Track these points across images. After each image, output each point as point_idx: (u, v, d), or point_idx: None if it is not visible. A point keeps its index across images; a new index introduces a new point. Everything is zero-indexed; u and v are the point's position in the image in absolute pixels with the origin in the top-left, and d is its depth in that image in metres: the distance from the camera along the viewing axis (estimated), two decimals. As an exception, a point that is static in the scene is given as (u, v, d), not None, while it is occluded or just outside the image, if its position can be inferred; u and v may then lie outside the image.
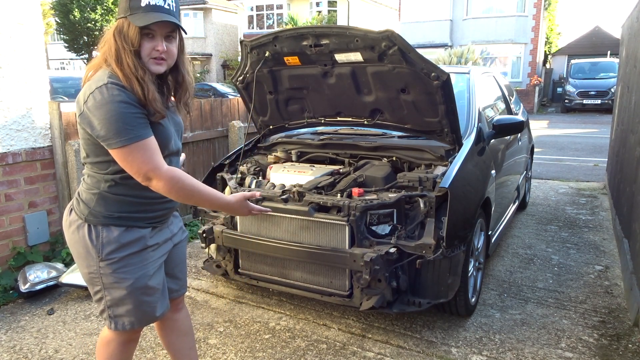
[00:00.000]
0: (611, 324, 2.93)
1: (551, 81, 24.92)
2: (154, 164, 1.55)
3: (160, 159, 1.57)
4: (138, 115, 1.54)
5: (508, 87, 4.99)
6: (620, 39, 6.48)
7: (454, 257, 2.62)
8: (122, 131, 1.50)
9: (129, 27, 1.56)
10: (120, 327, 1.75)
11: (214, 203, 1.71)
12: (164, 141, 1.66)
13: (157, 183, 1.56)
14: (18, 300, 3.30)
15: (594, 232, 4.63)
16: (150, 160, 1.54)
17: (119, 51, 1.57)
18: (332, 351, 2.66)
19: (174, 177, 1.57)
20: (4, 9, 3.24)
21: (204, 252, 3.90)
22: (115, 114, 1.50)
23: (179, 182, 1.58)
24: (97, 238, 1.66)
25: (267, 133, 3.68)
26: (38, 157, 3.53)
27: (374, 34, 2.64)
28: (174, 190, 1.58)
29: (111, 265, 1.66)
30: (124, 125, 1.50)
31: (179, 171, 1.60)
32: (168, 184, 1.56)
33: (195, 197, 1.64)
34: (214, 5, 28.47)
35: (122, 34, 1.57)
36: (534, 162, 6.58)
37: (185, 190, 1.60)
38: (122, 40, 1.57)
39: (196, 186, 1.63)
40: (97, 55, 1.65)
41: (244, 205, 1.77)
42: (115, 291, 1.69)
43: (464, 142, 3.03)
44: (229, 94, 18.65)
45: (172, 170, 1.58)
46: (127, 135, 1.51)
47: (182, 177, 1.59)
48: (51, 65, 31.09)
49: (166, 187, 1.57)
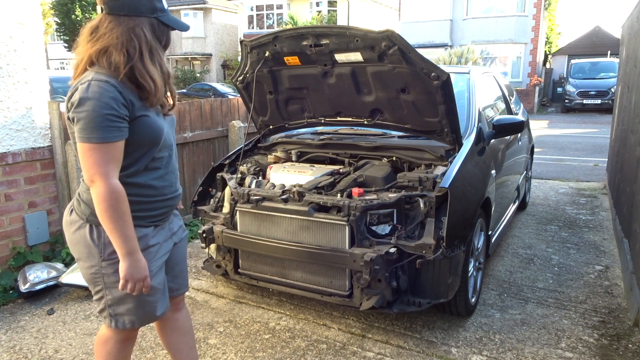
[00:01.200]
0: (611, 324, 2.93)
1: (551, 81, 24.92)
2: (104, 170, 1.53)
3: (113, 169, 1.55)
4: (115, 118, 1.53)
5: (508, 87, 4.99)
6: (620, 39, 6.48)
7: (454, 257, 2.62)
8: (91, 128, 1.51)
9: (161, 27, 1.66)
10: (120, 325, 1.75)
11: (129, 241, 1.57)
12: (156, 133, 1.67)
13: (97, 189, 1.53)
14: (18, 300, 3.30)
15: (594, 232, 4.63)
16: (103, 164, 1.53)
17: (154, 49, 1.63)
18: (332, 351, 2.66)
19: (115, 192, 1.53)
20: (4, 9, 3.24)
21: (204, 252, 3.89)
22: (92, 111, 1.50)
23: (117, 200, 1.53)
24: (98, 238, 1.66)
25: (267, 133, 3.68)
26: (38, 157, 3.53)
27: (374, 34, 2.64)
28: (107, 204, 1.53)
29: (113, 265, 1.66)
30: (97, 124, 1.51)
31: (123, 193, 1.56)
32: (106, 195, 1.52)
33: (120, 222, 1.55)
34: (214, 5, 28.47)
35: (155, 32, 1.64)
36: (534, 162, 6.58)
37: (117, 210, 1.54)
38: (155, 39, 1.64)
39: (127, 214, 1.56)
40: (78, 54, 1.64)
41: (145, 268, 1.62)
42: (116, 290, 1.69)
43: (464, 142, 3.03)
44: (229, 94, 18.65)
45: (118, 185, 1.55)
46: (94, 134, 1.51)
47: (122, 197, 1.55)
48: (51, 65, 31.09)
49: (102, 197, 1.52)
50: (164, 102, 1.73)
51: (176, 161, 1.86)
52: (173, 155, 1.82)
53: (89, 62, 1.60)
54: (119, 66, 1.57)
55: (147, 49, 1.61)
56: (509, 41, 20.96)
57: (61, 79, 9.20)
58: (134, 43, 1.58)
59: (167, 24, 1.68)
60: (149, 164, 1.69)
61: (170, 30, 1.72)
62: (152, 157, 1.69)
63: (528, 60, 21.26)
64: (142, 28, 1.60)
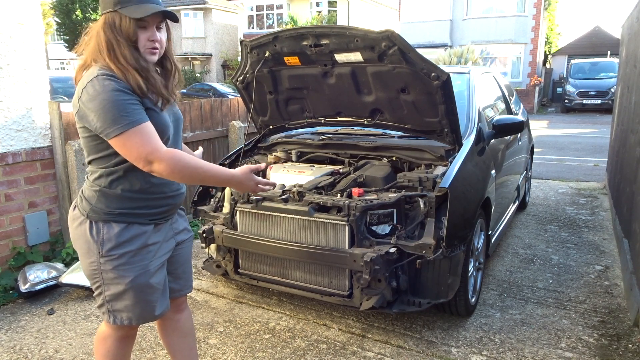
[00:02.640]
0: (611, 324, 2.93)
1: (551, 81, 24.92)
2: (153, 146, 1.54)
3: (158, 141, 1.56)
4: (132, 101, 1.55)
5: (508, 87, 4.99)
6: (620, 39, 6.48)
7: (454, 257, 2.62)
8: (117, 119, 1.51)
9: (122, 20, 1.58)
10: (118, 321, 1.76)
11: (219, 178, 1.68)
12: (161, 128, 1.66)
13: (158, 166, 1.54)
14: (18, 300, 3.30)
15: (594, 232, 4.63)
16: (148, 142, 1.53)
17: (111, 45, 1.58)
18: (332, 351, 2.66)
19: (174, 157, 1.55)
20: (4, 9, 3.24)
21: (204, 252, 3.89)
22: (108, 103, 1.51)
23: (180, 162, 1.56)
24: (97, 234, 1.67)
25: (267, 133, 3.68)
26: (38, 157, 3.53)
27: (374, 34, 2.64)
28: (177, 170, 1.55)
29: (111, 262, 1.67)
30: (118, 113, 1.51)
31: (178, 151, 1.59)
32: (170, 165, 1.54)
33: (200, 174, 1.61)
34: (214, 5, 28.47)
35: (114, 27, 1.58)
36: (534, 162, 6.58)
37: (188, 168, 1.58)
38: (115, 34, 1.58)
39: (198, 164, 1.61)
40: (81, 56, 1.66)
41: (250, 178, 1.72)
42: (114, 287, 1.70)
43: (464, 142, 3.03)
44: (229, 94, 18.66)
45: (171, 151, 1.57)
46: (123, 122, 1.51)
47: (182, 157, 1.57)
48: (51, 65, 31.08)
49: (168, 169, 1.54)
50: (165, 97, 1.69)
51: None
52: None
53: (90, 60, 1.62)
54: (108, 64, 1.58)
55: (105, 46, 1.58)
56: (508, 41, 20.96)
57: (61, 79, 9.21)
58: (99, 41, 1.59)
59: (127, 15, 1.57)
60: None
61: (136, 23, 1.58)
62: None
63: (528, 60, 21.26)
64: (108, 24, 1.59)
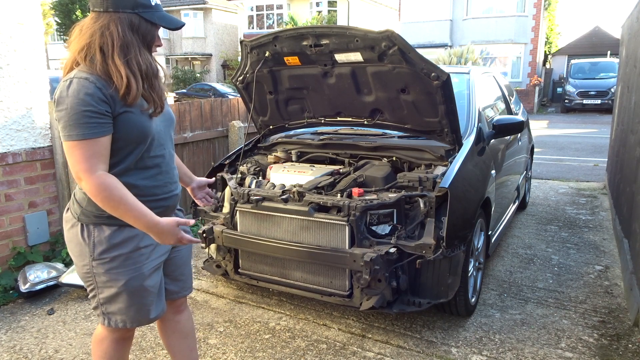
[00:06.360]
0: (611, 324, 2.93)
1: (551, 81, 24.92)
2: (88, 166, 1.52)
3: (97, 163, 1.54)
4: (94, 113, 1.52)
5: (508, 87, 4.99)
6: (620, 39, 6.48)
7: (454, 257, 2.62)
8: (70, 126, 1.51)
9: (143, 24, 1.61)
10: (113, 324, 1.75)
11: (139, 221, 1.57)
12: (141, 130, 1.63)
13: (85, 185, 1.54)
14: (18, 300, 3.30)
15: (594, 232, 4.63)
16: (85, 160, 1.52)
17: (128, 46, 1.57)
18: (332, 351, 2.66)
19: (103, 184, 1.53)
20: (4, 9, 3.24)
21: (204, 252, 3.90)
22: (70, 109, 1.51)
23: (106, 190, 1.53)
24: (89, 237, 1.65)
25: (267, 133, 3.68)
26: (38, 157, 3.53)
27: (374, 34, 2.64)
28: (100, 197, 1.53)
29: (103, 265, 1.65)
30: (76, 121, 1.51)
31: (112, 180, 1.55)
32: (94, 190, 1.53)
33: (121, 210, 1.55)
34: (214, 5, 28.48)
35: (134, 29, 1.59)
36: (534, 162, 6.58)
37: (112, 200, 1.54)
38: (135, 36, 1.59)
39: (124, 198, 1.55)
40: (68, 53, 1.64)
41: (174, 232, 1.62)
42: (107, 290, 1.69)
43: (464, 142, 3.03)
44: (229, 94, 18.67)
45: (103, 177, 1.54)
46: (74, 131, 1.51)
47: (111, 186, 1.53)
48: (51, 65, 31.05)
49: (92, 192, 1.53)
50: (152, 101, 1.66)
51: (171, 161, 1.81)
52: (167, 155, 1.77)
53: (75, 61, 1.60)
54: (95, 63, 1.56)
55: (119, 46, 1.56)
56: (508, 41, 20.96)
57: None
58: (105, 39, 1.57)
59: (150, 20, 1.62)
60: (139, 163, 1.67)
61: (155, 28, 1.65)
62: (140, 155, 1.66)
63: (528, 60, 21.26)
64: (117, 24, 1.57)
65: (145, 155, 1.68)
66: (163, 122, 1.76)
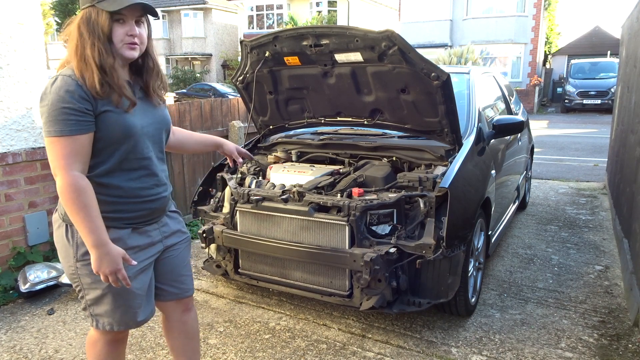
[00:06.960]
0: (611, 324, 2.93)
1: (551, 81, 24.92)
2: (64, 163, 1.52)
3: (74, 162, 1.53)
4: (74, 110, 1.51)
5: (508, 87, 4.99)
6: (620, 39, 6.48)
7: (454, 257, 2.62)
8: (50, 122, 1.52)
9: (98, 15, 1.56)
10: (100, 326, 1.74)
11: (91, 234, 1.53)
12: (123, 130, 1.60)
13: (58, 182, 1.54)
14: (18, 300, 3.30)
15: (594, 232, 4.63)
16: (62, 157, 1.52)
17: (83, 41, 1.56)
18: (332, 351, 2.66)
19: (73, 185, 1.51)
20: (4, 9, 3.24)
21: (204, 252, 3.90)
22: (51, 105, 1.52)
23: (74, 193, 1.51)
24: (72, 238, 1.65)
25: (267, 133, 3.67)
26: (38, 157, 3.52)
27: (374, 34, 2.64)
28: (65, 197, 1.52)
29: (87, 266, 1.63)
30: (55, 118, 1.51)
31: (84, 185, 1.53)
32: (64, 188, 1.52)
33: (80, 216, 1.52)
34: (214, 5, 28.48)
35: (90, 22, 1.57)
36: (534, 162, 6.58)
37: (75, 204, 1.52)
38: (89, 29, 1.57)
39: (87, 208, 1.52)
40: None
41: (116, 262, 1.56)
42: (93, 292, 1.68)
43: (464, 142, 3.03)
44: (229, 94, 18.67)
45: (77, 178, 1.53)
46: (54, 127, 1.52)
47: (80, 190, 1.52)
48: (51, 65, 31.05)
49: (61, 190, 1.53)
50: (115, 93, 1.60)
51: (159, 163, 1.77)
52: (154, 157, 1.73)
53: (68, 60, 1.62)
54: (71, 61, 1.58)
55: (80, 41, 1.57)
56: (508, 41, 20.96)
57: (61, 79, 9.17)
58: (73, 37, 1.59)
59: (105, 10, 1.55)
60: (124, 165, 1.64)
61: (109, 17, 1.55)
62: (125, 156, 1.63)
63: (528, 60, 21.26)
64: (80, 21, 1.59)
65: (130, 156, 1.65)
66: (153, 123, 1.73)
